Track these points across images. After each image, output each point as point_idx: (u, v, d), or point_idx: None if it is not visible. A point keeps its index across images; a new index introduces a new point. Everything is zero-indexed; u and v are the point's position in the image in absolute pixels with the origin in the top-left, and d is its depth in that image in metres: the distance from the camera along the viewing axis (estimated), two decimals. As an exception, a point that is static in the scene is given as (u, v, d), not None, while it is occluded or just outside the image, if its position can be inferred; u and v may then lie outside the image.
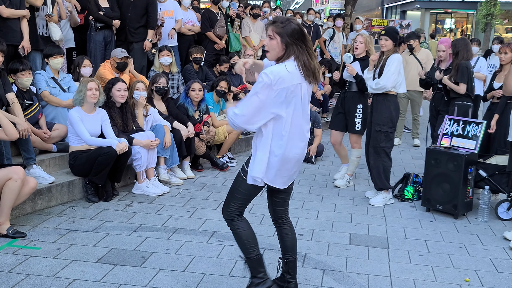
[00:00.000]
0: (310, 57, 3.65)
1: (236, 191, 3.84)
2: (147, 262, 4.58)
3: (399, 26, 18.29)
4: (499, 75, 7.07)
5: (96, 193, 6.13)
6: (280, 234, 4.10)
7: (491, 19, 34.11)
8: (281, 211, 4.08)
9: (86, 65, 7.08)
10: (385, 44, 6.34)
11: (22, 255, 4.60)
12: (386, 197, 6.52)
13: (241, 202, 3.84)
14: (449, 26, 43.33)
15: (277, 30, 3.63)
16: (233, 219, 3.87)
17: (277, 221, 4.10)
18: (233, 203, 3.84)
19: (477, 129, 6.23)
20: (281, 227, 4.09)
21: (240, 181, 3.81)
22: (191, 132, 7.31)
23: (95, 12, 8.14)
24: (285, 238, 4.07)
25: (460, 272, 4.69)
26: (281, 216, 4.08)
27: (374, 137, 6.41)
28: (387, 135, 6.39)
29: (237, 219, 3.87)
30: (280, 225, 4.09)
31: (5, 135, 5.12)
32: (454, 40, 7.37)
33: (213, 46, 10.09)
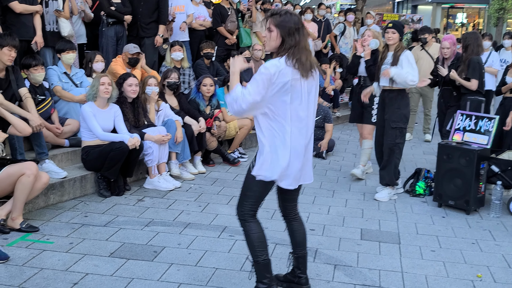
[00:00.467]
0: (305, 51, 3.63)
1: (248, 190, 3.81)
2: (159, 257, 4.60)
3: (411, 21, 18.18)
4: (511, 70, 7.02)
5: (108, 187, 6.16)
6: (290, 230, 4.11)
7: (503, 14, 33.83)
8: (291, 206, 4.08)
9: (98, 61, 7.11)
10: (392, 37, 6.27)
11: (35, 249, 4.64)
12: (391, 192, 6.53)
13: (254, 201, 3.82)
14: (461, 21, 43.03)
15: (275, 22, 3.63)
16: (246, 220, 3.84)
17: (287, 217, 4.10)
18: (246, 202, 3.82)
19: (489, 124, 6.19)
20: (290, 223, 4.09)
21: (250, 179, 3.79)
22: (203, 127, 7.33)
23: (107, 8, 8.16)
24: (295, 233, 4.07)
25: (472, 268, 4.67)
26: (290, 212, 4.09)
27: (390, 134, 6.35)
28: (402, 131, 6.38)
29: (250, 220, 3.84)
30: (289, 221, 4.10)
31: (18, 132, 5.17)
32: (464, 33, 7.31)
33: (224, 41, 10.09)
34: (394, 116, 6.30)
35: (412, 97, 10.32)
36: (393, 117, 6.31)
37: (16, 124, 5.12)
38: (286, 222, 4.12)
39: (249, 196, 3.81)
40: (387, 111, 6.38)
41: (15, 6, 6.59)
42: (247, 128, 8.10)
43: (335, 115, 11.54)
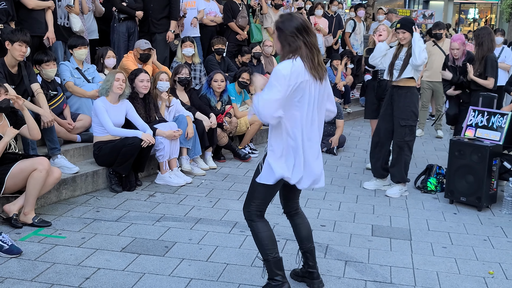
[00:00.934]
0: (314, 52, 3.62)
1: (255, 191, 3.82)
2: (170, 252, 4.62)
3: (422, 16, 18.09)
4: None
5: (119, 183, 6.19)
6: (293, 225, 4.12)
7: (516, 9, 33.56)
8: (293, 203, 4.10)
9: (110, 56, 7.13)
10: (404, 37, 6.24)
11: (48, 244, 4.67)
12: (402, 189, 6.50)
13: (261, 202, 3.82)
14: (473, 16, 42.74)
15: (276, 25, 3.69)
16: (253, 220, 3.84)
17: (289, 213, 4.12)
18: (253, 203, 3.82)
19: (502, 120, 6.15)
20: (292, 218, 4.11)
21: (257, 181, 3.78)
22: (214, 123, 7.33)
23: (119, 3, 8.19)
24: (299, 227, 4.08)
25: (484, 265, 4.65)
26: (292, 207, 4.11)
27: (399, 132, 6.32)
28: (411, 129, 6.34)
29: (256, 220, 3.83)
30: (291, 216, 4.11)
31: (29, 134, 5.20)
32: (476, 30, 7.23)
33: (235, 37, 10.09)
34: (404, 113, 6.25)
35: (423, 93, 10.30)
36: (402, 115, 6.26)
37: (32, 128, 5.15)
38: (289, 218, 4.14)
39: (256, 197, 3.81)
40: (395, 108, 6.33)
41: (27, 1, 6.63)
42: (258, 124, 8.10)
43: (346, 111, 11.52)
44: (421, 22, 18.94)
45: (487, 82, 6.92)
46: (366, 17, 16.48)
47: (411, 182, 6.93)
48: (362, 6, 13.67)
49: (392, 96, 6.40)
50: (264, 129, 8.97)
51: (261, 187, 3.76)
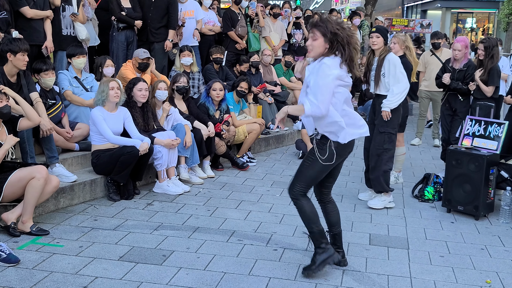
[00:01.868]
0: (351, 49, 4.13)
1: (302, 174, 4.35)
2: (168, 261, 4.62)
3: (420, 26, 18.13)
4: None
5: (117, 191, 6.19)
6: (324, 212, 4.64)
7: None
8: (327, 192, 4.62)
9: (108, 65, 7.15)
10: (376, 41, 6.14)
11: (45, 253, 4.67)
12: (386, 200, 6.33)
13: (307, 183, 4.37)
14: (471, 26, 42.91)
15: (320, 30, 4.10)
16: (298, 198, 4.37)
17: (323, 201, 4.64)
18: (298, 184, 4.35)
19: (499, 129, 6.17)
20: (326, 205, 4.62)
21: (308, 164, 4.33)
22: (212, 132, 7.35)
23: (118, 13, 8.22)
24: (330, 214, 4.61)
25: (481, 274, 4.66)
26: (326, 196, 4.62)
27: (377, 139, 6.23)
28: (390, 137, 6.20)
29: (301, 199, 4.36)
30: (325, 204, 4.63)
31: (29, 120, 5.21)
32: (486, 41, 7.18)
33: (234, 46, 10.13)
34: (383, 121, 6.18)
35: (421, 102, 10.33)
36: (382, 122, 6.21)
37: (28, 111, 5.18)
38: (321, 206, 4.65)
39: (302, 179, 4.35)
40: (377, 115, 6.29)
41: (26, 11, 6.67)
42: (256, 132, 8.12)
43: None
44: (419, 31, 18.99)
45: (487, 89, 6.98)
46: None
47: (409, 191, 6.95)
48: (358, 14, 13.71)
49: (375, 105, 6.38)
50: (262, 138, 8.99)
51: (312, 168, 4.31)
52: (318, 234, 4.39)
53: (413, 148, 9.91)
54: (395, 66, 6.05)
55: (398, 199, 6.70)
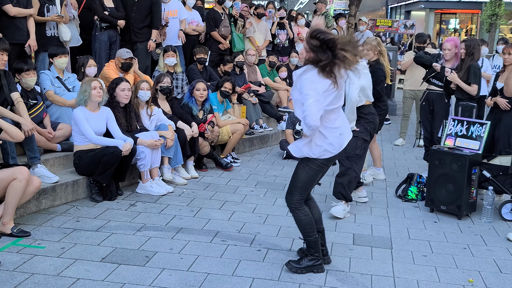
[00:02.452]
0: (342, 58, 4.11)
1: (298, 181, 4.40)
2: (151, 262, 4.59)
3: (404, 27, 18.23)
4: (502, 75, 7.02)
5: (100, 192, 6.14)
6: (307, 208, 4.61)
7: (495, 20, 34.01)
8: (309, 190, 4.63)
9: (91, 65, 7.09)
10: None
11: (27, 254, 4.62)
12: (346, 209, 6.05)
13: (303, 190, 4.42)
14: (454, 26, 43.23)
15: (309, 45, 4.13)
16: (296, 207, 4.43)
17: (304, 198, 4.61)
18: (297, 192, 4.41)
19: (481, 129, 6.22)
20: (306, 202, 4.59)
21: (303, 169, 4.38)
22: (195, 132, 7.32)
23: (100, 12, 8.16)
24: (312, 209, 4.64)
25: (463, 273, 4.68)
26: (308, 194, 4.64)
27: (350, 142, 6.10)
28: (363, 143, 6.09)
29: (299, 207, 4.43)
30: (306, 200, 4.58)
31: (10, 138, 5.15)
32: (468, 40, 7.22)
33: (217, 46, 10.10)
34: (357, 126, 6.05)
35: (405, 102, 10.38)
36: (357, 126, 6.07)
37: (10, 131, 5.10)
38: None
39: (298, 187, 4.40)
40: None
41: (8, 9, 6.60)
42: (240, 133, 8.10)
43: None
44: (403, 32, 19.10)
45: (471, 88, 7.01)
46: (348, 27, 16.58)
47: (392, 191, 6.98)
48: (343, 16, 13.76)
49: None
50: (246, 138, 8.98)
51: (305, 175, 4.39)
52: (313, 244, 4.49)
53: (396, 148, 9.96)
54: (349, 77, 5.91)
55: (382, 199, 6.73)
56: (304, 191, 4.45)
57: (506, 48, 6.87)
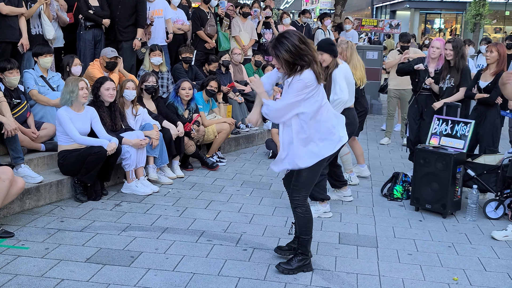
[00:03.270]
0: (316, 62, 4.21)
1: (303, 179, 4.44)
2: (136, 262, 4.57)
3: (389, 26, 18.31)
4: (484, 74, 7.05)
5: (85, 192, 6.10)
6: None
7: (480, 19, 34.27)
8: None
9: (76, 64, 7.03)
10: (322, 58, 5.79)
11: (10, 255, 4.57)
12: (320, 209, 5.98)
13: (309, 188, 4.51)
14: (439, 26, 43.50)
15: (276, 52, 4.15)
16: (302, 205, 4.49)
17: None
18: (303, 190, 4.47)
19: (465, 128, 6.26)
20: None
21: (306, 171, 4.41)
22: (181, 131, 7.30)
23: (85, 11, 8.11)
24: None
25: (448, 271, 4.71)
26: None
27: None
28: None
29: (307, 205, 4.51)
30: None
31: None
32: (454, 41, 7.22)
33: (203, 45, 10.08)
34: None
35: (390, 101, 10.42)
36: None
37: None
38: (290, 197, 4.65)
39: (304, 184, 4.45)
40: None
41: (1, 7, 6.60)
42: (225, 132, 8.09)
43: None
44: (388, 31, 19.18)
45: (458, 96, 7.07)
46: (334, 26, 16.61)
47: (378, 190, 7.00)
48: (328, 15, 13.79)
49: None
50: (232, 138, 8.96)
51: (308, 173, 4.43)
52: (306, 242, 4.52)
53: (382, 147, 10.00)
54: (335, 82, 5.89)
55: (367, 198, 6.74)
56: (310, 187, 4.52)
57: (489, 46, 6.92)
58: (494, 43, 7.04)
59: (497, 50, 6.85)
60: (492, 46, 6.88)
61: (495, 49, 6.85)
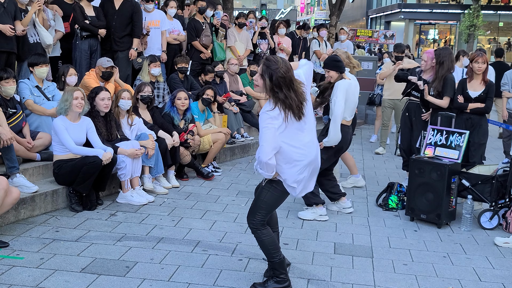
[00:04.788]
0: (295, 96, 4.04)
1: (262, 202, 4.27)
2: (131, 272, 4.56)
3: (384, 37, 18.43)
4: (471, 83, 7.05)
5: (80, 202, 6.09)
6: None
7: (474, 30, 34.51)
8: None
9: (71, 74, 7.04)
10: (329, 75, 6.10)
11: (5, 265, 4.55)
12: (316, 212, 6.21)
13: (266, 212, 4.29)
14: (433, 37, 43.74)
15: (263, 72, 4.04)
16: (258, 228, 4.27)
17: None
18: (259, 214, 4.26)
19: (460, 139, 6.29)
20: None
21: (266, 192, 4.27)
22: (176, 141, 7.30)
23: (81, 21, 8.12)
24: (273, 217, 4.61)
25: (443, 281, 4.72)
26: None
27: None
28: (327, 151, 6.17)
29: (261, 228, 4.27)
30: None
31: None
32: (437, 49, 7.35)
33: (199, 56, 10.10)
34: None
35: (384, 112, 10.45)
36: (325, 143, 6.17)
37: None
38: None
39: (262, 208, 4.27)
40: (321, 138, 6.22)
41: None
42: (221, 142, 8.10)
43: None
44: (383, 42, 19.30)
45: (442, 102, 7.07)
46: (329, 37, 16.69)
47: (373, 200, 7.01)
48: (325, 26, 13.85)
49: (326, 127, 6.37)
50: (227, 148, 8.98)
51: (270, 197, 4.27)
52: (278, 265, 4.29)
53: (377, 157, 10.02)
54: (335, 94, 6.02)
55: (363, 208, 6.76)
56: (267, 213, 4.30)
57: (480, 58, 6.93)
58: (480, 54, 7.02)
59: (485, 60, 6.94)
60: (480, 57, 6.91)
61: (485, 59, 6.94)
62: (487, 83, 6.97)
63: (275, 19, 17.61)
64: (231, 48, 11.02)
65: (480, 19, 34.52)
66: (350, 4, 48.23)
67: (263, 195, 4.26)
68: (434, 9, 41.80)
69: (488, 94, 6.95)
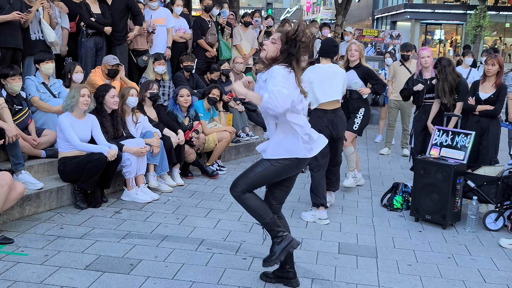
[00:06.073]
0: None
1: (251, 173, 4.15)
2: (135, 270, 4.56)
3: (390, 37, 18.38)
4: (483, 85, 7.04)
5: (84, 199, 6.10)
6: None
7: (480, 31, 34.41)
8: (278, 206, 4.43)
9: (78, 71, 7.05)
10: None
11: (9, 261, 4.56)
12: (316, 215, 6.13)
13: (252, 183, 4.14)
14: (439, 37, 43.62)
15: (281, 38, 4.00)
16: (239, 195, 4.13)
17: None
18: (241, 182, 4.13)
19: (466, 140, 6.27)
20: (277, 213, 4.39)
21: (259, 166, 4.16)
22: (181, 139, 7.31)
23: (87, 19, 8.13)
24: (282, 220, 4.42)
25: (448, 282, 4.70)
26: (276, 211, 4.39)
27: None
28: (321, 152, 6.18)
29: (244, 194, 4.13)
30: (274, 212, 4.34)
31: None
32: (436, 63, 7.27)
33: (204, 54, 10.10)
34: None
35: (390, 112, 10.44)
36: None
37: None
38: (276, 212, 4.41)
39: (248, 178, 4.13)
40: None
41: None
42: (226, 140, 8.09)
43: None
44: (388, 42, 19.26)
45: (457, 110, 7.14)
46: (335, 36, 16.68)
47: (378, 200, 7.00)
48: (327, 26, 13.82)
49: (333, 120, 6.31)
50: (232, 146, 8.97)
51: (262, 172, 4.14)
52: (273, 224, 4.17)
53: (382, 157, 10.00)
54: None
55: (367, 208, 6.74)
56: (251, 186, 4.13)
57: (490, 59, 6.91)
58: (494, 55, 7.01)
59: (498, 62, 6.88)
60: (493, 59, 6.88)
61: (497, 62, 6.88)
62: (499, 85, 6.93)
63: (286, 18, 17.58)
64: (236, 47, 11.02)
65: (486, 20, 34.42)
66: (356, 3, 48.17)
67: (254, 168, 4.17)
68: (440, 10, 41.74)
69: (499, 96, 6.90)
